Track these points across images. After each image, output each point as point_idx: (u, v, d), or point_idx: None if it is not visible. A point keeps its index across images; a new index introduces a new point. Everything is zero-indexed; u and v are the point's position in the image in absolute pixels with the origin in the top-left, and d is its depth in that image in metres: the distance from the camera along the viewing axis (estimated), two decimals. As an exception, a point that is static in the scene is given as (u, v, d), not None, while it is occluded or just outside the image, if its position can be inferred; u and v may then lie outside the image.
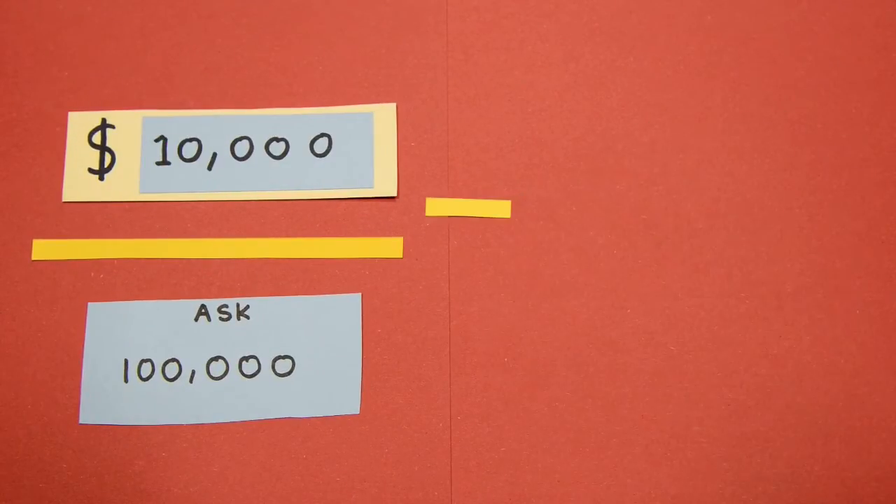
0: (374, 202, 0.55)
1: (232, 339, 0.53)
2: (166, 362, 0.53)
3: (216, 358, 0.53)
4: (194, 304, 0.53)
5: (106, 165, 0.55)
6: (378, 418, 0.52)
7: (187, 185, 0.55)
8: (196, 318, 0.53)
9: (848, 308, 0.54)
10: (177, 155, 0.56)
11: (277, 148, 0.56)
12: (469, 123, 0.56)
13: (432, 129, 0.56)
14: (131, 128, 0.56)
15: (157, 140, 0.56)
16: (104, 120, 0.56)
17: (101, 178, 0.55)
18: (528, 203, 0.55)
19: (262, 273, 0.54)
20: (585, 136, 0.56)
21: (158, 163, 0.55)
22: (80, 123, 0.56)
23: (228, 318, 0.53)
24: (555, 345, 0.53)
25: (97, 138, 0.56)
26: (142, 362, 0.53)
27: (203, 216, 0.55)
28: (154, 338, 0.53)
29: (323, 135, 0.56)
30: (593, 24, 0.58)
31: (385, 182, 0.55)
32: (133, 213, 0.55)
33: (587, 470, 0.51)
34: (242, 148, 0.56)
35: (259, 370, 0.53)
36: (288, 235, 0.54)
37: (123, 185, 0.55)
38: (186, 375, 0.52)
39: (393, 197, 0.55)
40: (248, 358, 0.53)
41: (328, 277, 0.54)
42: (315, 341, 0.53)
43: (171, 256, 0.54)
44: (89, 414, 0.52)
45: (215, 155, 0.56)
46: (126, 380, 0.52)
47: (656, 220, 0.55)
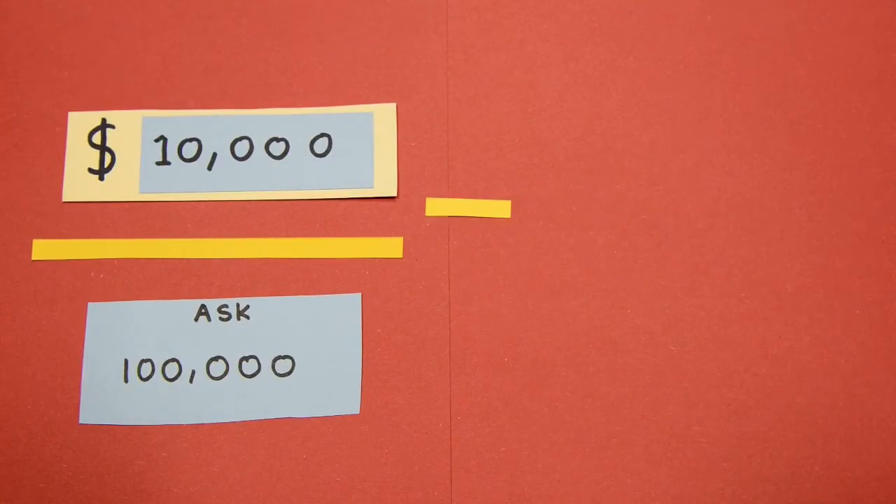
0: (374, 202, 0.55)
1: (232, 339, 0.53)
2: (166, 362, 0.53)
3: (216, 358, 0.53)
4: (194, 304, 0.53)
5: (106, 165, 0.55)
6: (378, 418, 0.52)
7: (187, 185, 0.55)
8: (196, 318, 0.53)
9: (848, 308, 0.54)
10: (177, 155, 0.56)
11: (277, 148, 0.56)
12: (469, 123, 0.56)
13: (432, 129, 0.56)
14: (131, 128, 0.56)
15: (157, 140, 0.56)
16: (104, 120, 0.56)
17: (101, 178, 0.55)
18: (528, 203, 0.55)
19: (262, 273, 0.54)
20: (585, 136, 0.56)
21: (158, 163, 0.55)
22: (80, 123, 0.56)
23: (228, 318, 0.53)
24: (555, 345, 0.53)
25: (97, 138, 0.56)
26: (142, 362, 0.53)
27: (203, 216, 0.55)
28: (154, 338, 0.53)
29: (323, 135, 0.56)
30: (593, 24, 0.58)
31: (385, 182, 0.55)
32: (133, 213, 0.55)
33: (587, 470, 0.51)
34: (242, 148, 0.56)
35: (259, 370, 0.53)
36: (288, 235, 0.54)
37: (123, 185, 0.55)
38: (186, 375, 0.52)
39: (393, 197, 0.55)
40: (248, 358, 0.53)
41: (328, 277, 0.54)
42: (315, 341, 0.53)
43: (171, 256, 0.54)
44: (89, 414, 0.52)
45: (215, 155, 0.56)
46: (126, 380, 0.52)
47: (656, 220, 0.55)
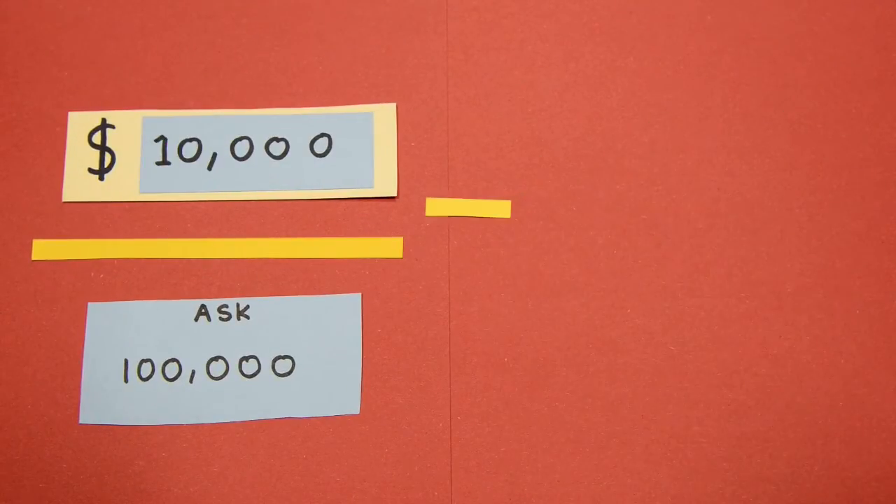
0: (374, 202, 0.55)
1: (232, 339, 0.53)
2: (166, 362, 0.53)
3: (216, 358, 0.53)
4: (194, 304, 0.53)
5: (106, 165, 0.55)
6: (378, 418, 0.52)
7: (187, 185, 0.55)
8: (196, 318, 0.53)
9: (848, 308, 0.54)
10: (177, 155, 0.56)
11: (277, 148, 0.56)
12: (469, 123, 0.56)
13: (432, 129, 0.56)
14: (131, 128, 0.56)
15: (157, 140, 0.56)
16: (104, 120, 0.56)
17: (101, 178, 0.55)
18: (528, 203, 0.55)
19: (262, 273, 0.54)
20: (585, 136, 0.56)
21: (158, 163, 0.55)
22: (80, 123, 0.56)
23: (228, 318, 0.53)
24: (555, 345, 0.53)
25: (97, 138, 0.56)
26: (142, 362, 0.53)
27: (203, 216, 0.55)
28: (154, 338, 0.53)
29: (323, 135, 0.56)
30: (593, 24, 0.58)
31: (385, 182, 0.55)
32: (133, 213, 0.55)
33: (587, 470, 0.51)
34: (242, 148, 0.56)
35: (259, 370, 0.53)
36: (288, 235, 0.54)
37: (123, 185, 0.55)
38: (186, 375, 0.52)
39: (393, 197, 0.55)
40: (248, 358, 0.53)
41: (328, 277, 0.54)
42: (315, 341, 0.53)
43: (171, 256, 0.54)
44: (89, 414, 0.52)
45: (215, 155, 0.56)
46: (126, 380, 0.52)
47: (656, 220, 0.55)
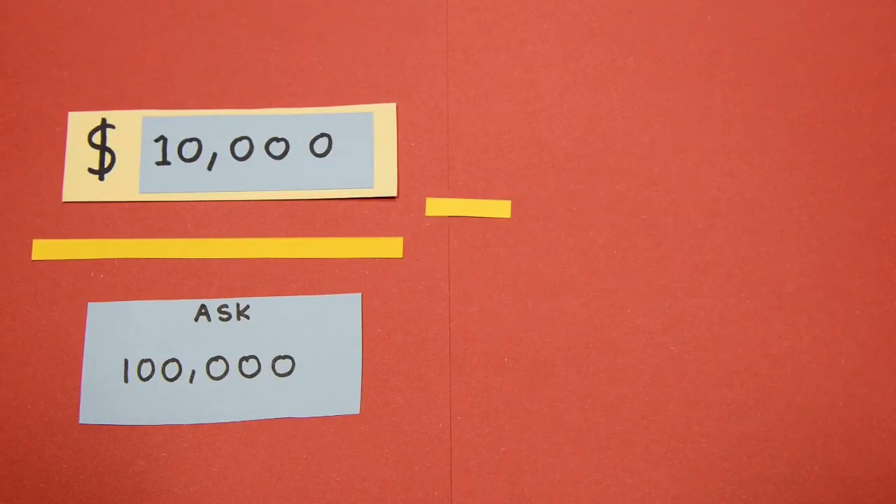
0: (374, 202, 0.55)
1: (232, 339, 0.53)
2: (166, 362, 0.53)
3: (216, 358, 0.53)
4: (194, 304, 0.53)
5: (106, 165, 0.55)
6: (378, 418, 0.52)
7: (187, 185, 0.55)
8: (196, 318, 0.53)
9: (848, 308, 0.53)
10: (177, 155, 0.56)
11: (277, 148, 0.56)
12: (469, 123, 0.56)
13: (432, 129, 0.56)
14: (131, 128, 0.56)
15: (157, 140, 0.56)
16: (104, 120, 0.56)
17: (101, 178, 0.55)
18: (528, 203, 0.55)
19: (262, 273, 0.54)
20: (585, 136, 0.56)
21: (158, 163, 0.55)
22: (80, 123, 0.56)
23: (228, 318, 0.53)
24: (555, 345, 0.53)
25: (97, 138, 0.56)
26: (142, 362, 0.53)
27: (203, 216, 0.55)
28: (154, 338, 0.53)
29: (323, 135, 0.56)
30: (593, 24, 0.58)
31: (385, 182, 0.55)
32: (133, 213, 0.55)
33: (587, 470, 0.51)
34: (242, 148, 0.56)
35: (259, 370, 0.53)
36: (288, 235, 0.54)
37: (123, 185, 0.55)
38: (186, 375, 0.52)
39: (393, 197, 0.55)
40: (248, 358, 0.53)
41: (328, 277, 0.54)
42: (315, 341, 0.53)
43: (171, 256, 0.54)
44: (89, 414, 0.52)
45: (215, 155, 0.56)
46: (126, 380, 0.52)
47: (656, 220, 0.55)
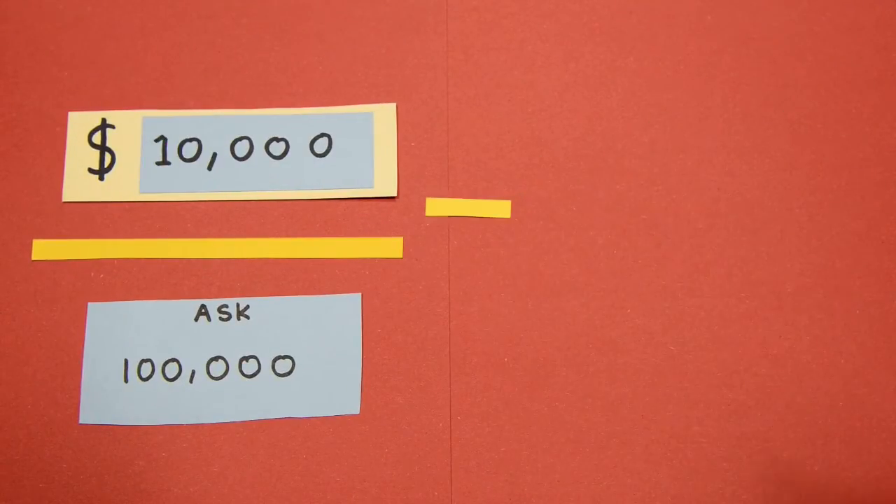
0: (374, 202, 0.55)
1: (232, 339, 0.53)
2: (166, 362, 0.53)
3: (216, 358, 0.53)
4: (194, 304, 0.53)
5: (106, 165, 0.55)
6: (378, 418, 0.52)
7: (187, 185, 0.55)
8: (196, 318, 0.53)
9: (848, 308, 0.54)
10: (177, 155, 0.56)
11: (277, 148, 0.56)
12: (469, 123, 0.56)
13: (432, 129, 0.56)
14: (131, 128, 0.56)
15: (157, 140, 0.56)
16: (104, 120, 0.56)
17: (101, 178, 0.55)
18: (528, 203, 0.55)
19: (262, 273, 0.54)
20: (585, 136, 0.56)
21: (158, 163, 0.55)
22: (80, 123, 0.56)
23: (228, 318, 0.53)
24: (555, 345, 0.53)
25: (97, 138, 0.56)
26: (142, 362, 0.53)
27: (203, 216, 0.55)
28: (154, 338, 0.53)
29: (323, 135, 0.56)
30: (593, 24, 0.58)
31: (385, 182, 0.55)
32: (133, 213, 0.55)
33: (587, 470, 0.51)
34: (242, 148, 0.56)
35: (259, 370, 0.53)
36: (288, 235, 0.54)
37: (123, 185, 0.55)
38: (186, 375, 0.52)
39: (393, 197, 0.55)
40: (248, 358, 0.53)
41: (328, 277, 0.54)
42: (315, 341, 0.53)
43: (171, 256, 0.54)
44: (89, 414, 0.52)
45: (215, 155, 0.56)
46: (126, 380, 0.52)
47: (656, 220, 0.55)
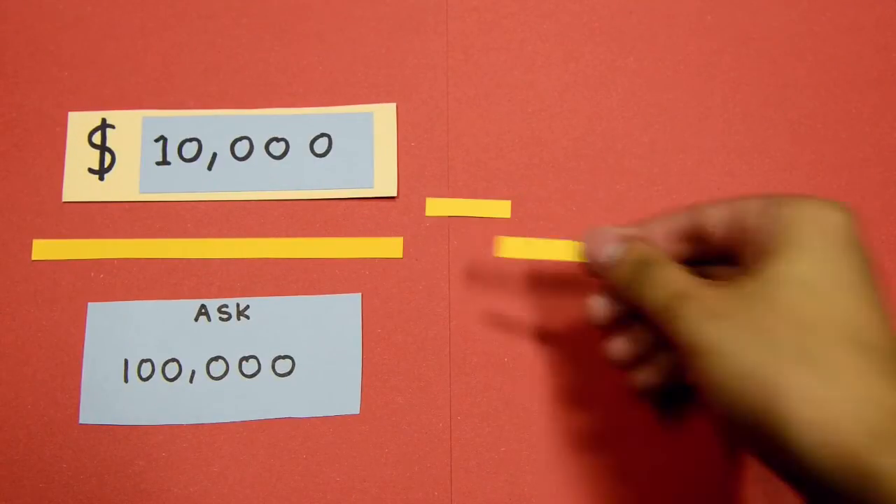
0: (374, 202, 0.55)
1: (232, 339, 0.53)
2: (166, 362, 0.53)
3: (216, 358, 0.53)
4: (194, 304, 0.53)
5: (106, 165, 0.55)
6: (378, 418, 0.52)
7: (187, 185, 0.55)
8: (196, 318, 0.53)
9: (848, 308, 0.53)
10: (177, 155, 0.56)
11: (277, 148, 0.56)
12: (469, 123, 0.56)
13: (432, 129, 0.56)
14: (131, 128, 0.56)
15: (157, 140, 0.56)
16: (104, 120, 0.56)
17: (101, 178, 0.55)
18: (528, 203, 0.55)
19: (262, 273, 0.54)
20: (585, 136, 0.56)
21: (158, 163, 0.55)
22: (80, 123, 0.56)
23: (228, 318, 0.53)
24: (555, 345, 0.53)
25: (97, 138, 0.56)
26: (142, 362, 0.53)
27: (203, 216, 0.55)
28: (154, 338, 0.53)
29: (323, 135, 0.56)
30: (593, 24, 0.58)
31: (385, 182, 0.55)
32: (133, 213, 0.55)
33: (587, 470, 0.51)
34: (242, 148, 0.56)
35: (259, 370, 0.53)
36: (288, 235, 0.54)
37: (123, 185, 0.55)
38: (186, 375, 0.52)
39: (393, 197, 0.55)
40: (248, 358, 0.53)
41: (328, 277, 0.54)
42: (315, 341, 0.53)
43: (171, 256, 0.54)
44: (89, 414, 0.52)
45: (215, 155, 0.56)
46: (126, 380, 0.52)
47: (656, 220, 0.55)
